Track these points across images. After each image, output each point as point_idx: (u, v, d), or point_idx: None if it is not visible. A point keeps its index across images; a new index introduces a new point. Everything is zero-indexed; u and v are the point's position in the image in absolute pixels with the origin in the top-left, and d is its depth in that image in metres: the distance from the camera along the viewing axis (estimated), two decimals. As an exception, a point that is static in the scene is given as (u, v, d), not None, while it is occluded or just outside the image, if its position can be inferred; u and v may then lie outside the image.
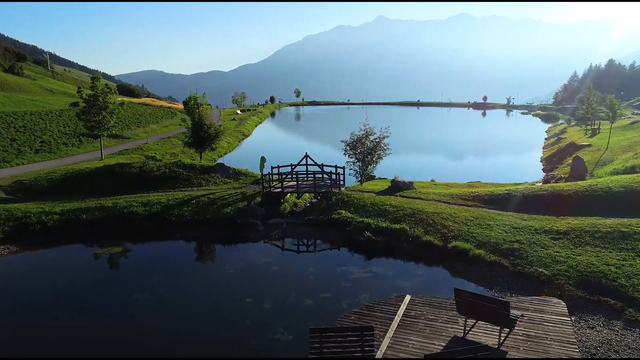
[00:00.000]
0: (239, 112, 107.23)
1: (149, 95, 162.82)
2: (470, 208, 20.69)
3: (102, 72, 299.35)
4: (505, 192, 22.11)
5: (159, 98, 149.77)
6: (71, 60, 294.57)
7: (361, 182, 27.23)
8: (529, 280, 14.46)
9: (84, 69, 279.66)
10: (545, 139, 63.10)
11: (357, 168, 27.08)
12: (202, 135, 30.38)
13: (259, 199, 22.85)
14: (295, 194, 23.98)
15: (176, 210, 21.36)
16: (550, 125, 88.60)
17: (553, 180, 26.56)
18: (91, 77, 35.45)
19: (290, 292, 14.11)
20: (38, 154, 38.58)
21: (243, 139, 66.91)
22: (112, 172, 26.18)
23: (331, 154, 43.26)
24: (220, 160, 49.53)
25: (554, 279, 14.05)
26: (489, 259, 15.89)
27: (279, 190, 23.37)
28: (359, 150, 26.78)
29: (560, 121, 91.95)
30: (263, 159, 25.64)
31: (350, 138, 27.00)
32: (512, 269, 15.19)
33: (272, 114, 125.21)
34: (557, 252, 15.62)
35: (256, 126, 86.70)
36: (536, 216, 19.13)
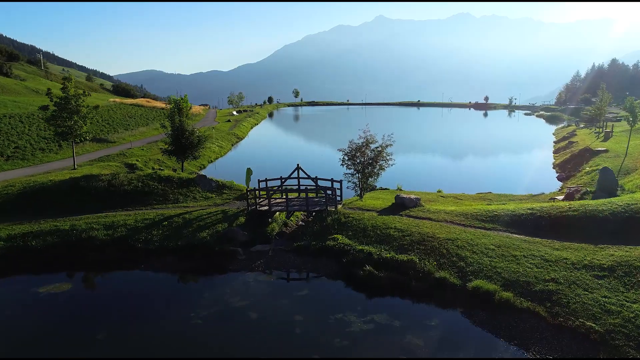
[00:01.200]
0: (234, 113, 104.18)
1: (145, 96, 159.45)
2: (490, 232, 17.55)
3: (102, 72, 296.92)
4: (529, 211, 18.96)
5: (155, 98, 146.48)
6: (70, 60, 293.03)
7: (361, 196, 24.12)
8: (575, 338, 11.31)
9: (82, 68, 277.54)
10: (554, 142, 60.03)
11: (356, 180, 23.97)
12: (183, 143, 27.19)
13: (242, 219, 19.70)
14: (285, 213, 20.84)
15: (144, 234, 18.19)
16: (556, 126, 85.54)
17: (578, 195, 23.41)
18: (62, 78, 32.20)
19: (270, 354, 10.98)
20: (9, 161, 35.43)
21: (237, 142, 63.82)
22: (77, 186, 22.96)
23: (329, 157, 40.25)
24: (210, 166, 46.37)
25: (609, 339, 10.91)
26: (520, 305, 12.76)
27: (266, 208, 20.23)
28: (358, 161, 23.67)
29: (564, 122, 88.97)
30: (249, 171, 22.49)
31: (349, 147, 23.87)
32: (551, 320, 12.06)
33: (270, 115, 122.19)
34: (605, 297, 12.49)
35: (252, 128, 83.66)
36: (569, 244, 15.99)
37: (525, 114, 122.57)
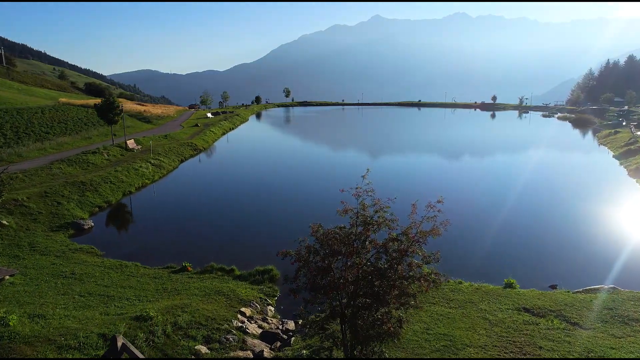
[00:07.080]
0: (209, 115, 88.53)
1: (121, 95, 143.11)
2: None
3: (94, 72, 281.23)
4: None
5: (131, 98, 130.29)
6: (62, 60, 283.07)
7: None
8: None
9: (74, 68, 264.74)
10: (615, 157, 44.73)
11: (335, 331, 8.47)
12: None
13: None
14: None
15: None
16: (592, 131, 70.53)
17: None
18: None
19: None
20: None
21: (193, 155, 48.08)
22: None
23: (309, 198, 24.23)
24: (134, 198, 30.27)
25: None
26: None
27: None
28: (341, 281, 8.12)
29: (596, 125, 74.13)
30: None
31: (313, 240, 8.34)
32: None
33: (259, 116, 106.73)
34: None
35: (224, 134, 67.83)
36: None
37: (543, 116, 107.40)
